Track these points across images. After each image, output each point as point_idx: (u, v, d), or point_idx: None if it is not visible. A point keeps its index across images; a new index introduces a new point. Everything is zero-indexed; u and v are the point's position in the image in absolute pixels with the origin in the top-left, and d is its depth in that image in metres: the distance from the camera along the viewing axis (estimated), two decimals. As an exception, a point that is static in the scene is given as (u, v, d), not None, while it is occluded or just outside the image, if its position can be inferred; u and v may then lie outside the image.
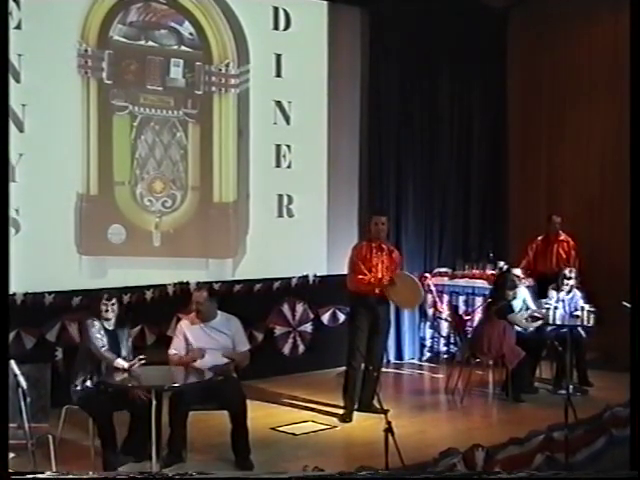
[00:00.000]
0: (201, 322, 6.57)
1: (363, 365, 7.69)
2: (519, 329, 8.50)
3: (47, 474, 4.85)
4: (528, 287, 9.10)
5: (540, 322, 8.52)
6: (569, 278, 8.81)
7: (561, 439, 6.10)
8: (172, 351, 6.58)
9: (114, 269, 8.35)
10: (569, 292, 8.84)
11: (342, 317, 9.31)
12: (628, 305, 6.99)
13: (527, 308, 8.72)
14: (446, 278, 10.26)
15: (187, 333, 6.56)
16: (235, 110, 9.14)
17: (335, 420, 7.54)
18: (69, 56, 8.12)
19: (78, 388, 6.26)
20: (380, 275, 7.66)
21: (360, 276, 7.60)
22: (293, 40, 9.48)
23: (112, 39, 8.38)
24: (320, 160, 9.73)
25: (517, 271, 8.90)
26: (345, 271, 7.89)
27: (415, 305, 8.41)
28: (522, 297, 8.77)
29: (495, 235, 11.02)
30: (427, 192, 10.49)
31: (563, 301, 8.80)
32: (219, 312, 6.66)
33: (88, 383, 6.24)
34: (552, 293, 8.83)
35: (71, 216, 8.19)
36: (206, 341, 6.52)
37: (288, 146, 9.48)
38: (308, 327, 9.51)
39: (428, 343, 10.33)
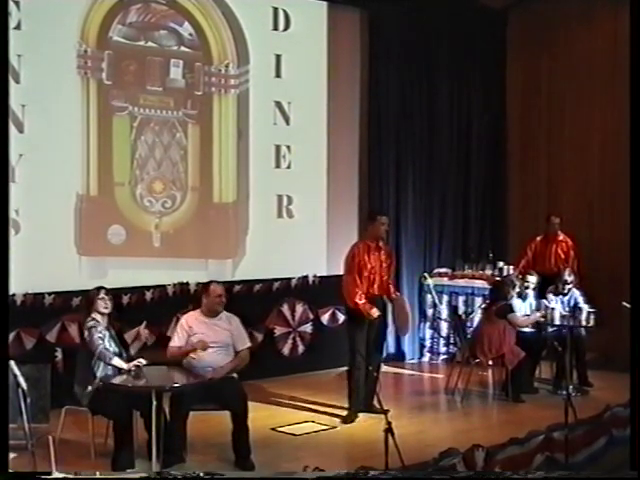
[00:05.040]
0: (206, 317, 6.58)
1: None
2: (519, 329, 8.51)
3: (51, 475, 4.88)
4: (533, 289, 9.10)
5: (537, 318, 8.53)
6: (569, 282, 8.83)
7: (561, 439, 6.09)
8: (173, 344, 6.57)
9: (114, 270, 8.34)
10: (567, 293, 8.85)
11: (342, 317, 9.28)
12: (628, 305, 7.01)
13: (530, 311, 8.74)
14: (445, 278, 10.26)
15: (192, 325, 6.54)
16: (235, 111, 9.14)
17: (335, 420, 7.54)
18: (69, 57, 8.11)
19: (88, 390, 6.22)
20: (379, 275, 7.65)
21: (356, 290, 7.50)
22: (293, 41, 9.48)
23: (112, 40, 8.37)
24: (320, 160, 9.73)
25: (532, 278, 8.90)
26: (344, 272, 7.88)
27: (404, 332, 8.40)
28: (529, 302, 8.77)
29: (494, 235, 11.04)
30: (427, 192, 10.50)
31: (562, 302, 8.82)
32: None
33: (98, 384, 6.20)
34: (551, 296, 8.84)
35: (71, 217, 8.18)
36: (210, 334, 6.51)
37: (288, 147, 9.48)
38: (308, 327, 9.51)
39: (428, 343, 10.34)
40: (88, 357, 6.29)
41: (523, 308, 8.66)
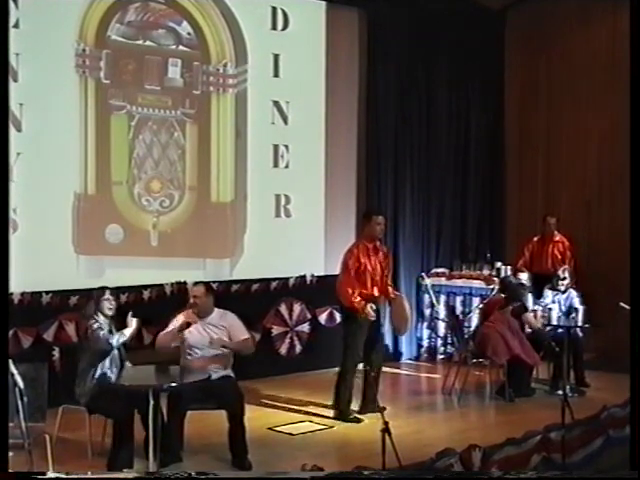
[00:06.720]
0: (197, 318, 6.56)
1: (361, 367, 7.67)
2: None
3: (49, 474, 4.87)
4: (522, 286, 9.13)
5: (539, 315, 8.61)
6: (563, 278, 8.87)
7: (558, 440, 6.09)
8: (162, 333, 6.54)
9: (111, 269, 8.34)
10: (564, 292, 8.88)
11: (339, 317, 9.28)
12: (625, 306, 7.01)
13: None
14: (443, 278, 10.27)
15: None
16: (233, 110, 9.14)
17: (332, 420, 7.54)
18: (67, 55, 8.11)
19: (87, 389, 6.21)
20: (378, 277, 7.64)
21: (349, 289, 7.48)
22: (291, 40, 9.48)
23: (110, 39, 8.37)
24: (318, 160, 9.73)
25: (524, 275, 9.00)
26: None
27: (402, 331, 8.40)
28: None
29: (492, 236, 11.04)
30: (424, 192, 10.50)
31: (559, 302, 8.84)
32: (215, 309, 6.66)
33: (96, 383, 6.20)
34: (547, 292, 8.89)
35: (69, 216, 8.18)
36: (201, 337, 6.51)
37: (286, 146, 9.49)
38: (305, 327, 9.51)
39: (425, 343, 10.34)
40: (88, 356, 6.28)
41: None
